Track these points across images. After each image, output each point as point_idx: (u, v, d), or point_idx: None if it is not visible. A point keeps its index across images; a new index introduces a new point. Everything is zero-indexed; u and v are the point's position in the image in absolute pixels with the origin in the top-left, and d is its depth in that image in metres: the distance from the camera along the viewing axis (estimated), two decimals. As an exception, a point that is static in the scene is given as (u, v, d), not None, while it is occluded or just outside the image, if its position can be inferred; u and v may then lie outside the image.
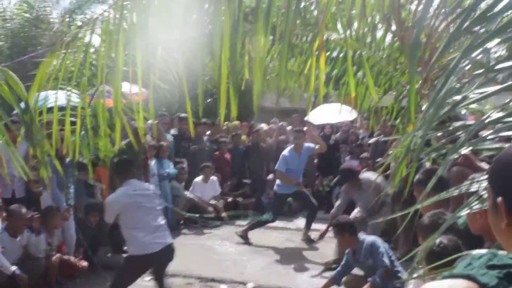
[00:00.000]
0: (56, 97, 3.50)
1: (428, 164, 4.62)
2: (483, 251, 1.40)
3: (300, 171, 9.15)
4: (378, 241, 5.84)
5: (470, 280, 1.10)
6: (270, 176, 11.39)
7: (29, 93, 3.40)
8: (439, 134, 2.38)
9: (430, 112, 1.57)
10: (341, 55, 5.14)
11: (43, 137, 3.55)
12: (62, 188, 6.79)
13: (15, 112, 6.91)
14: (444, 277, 1.16)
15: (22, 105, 3.51)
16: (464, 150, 1.66)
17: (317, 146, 9.11)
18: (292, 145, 9.15)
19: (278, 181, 9.09)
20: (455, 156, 1.67)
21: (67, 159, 6.52)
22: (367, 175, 8.23)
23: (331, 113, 10.71)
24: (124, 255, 5.78)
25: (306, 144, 9.09)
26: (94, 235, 7.35)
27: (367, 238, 5.95)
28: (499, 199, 1.24)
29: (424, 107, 1.88)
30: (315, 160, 11.86)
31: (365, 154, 10.39)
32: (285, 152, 9.02)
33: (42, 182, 6.81)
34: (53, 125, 3.54)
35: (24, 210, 6.10)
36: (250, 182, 11.10)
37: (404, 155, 1.97)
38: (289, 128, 12.51)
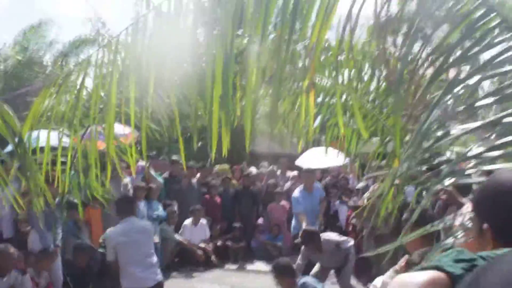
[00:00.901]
0: (48, 137, 3.53)
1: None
2: None
3: (315, 212, 9.03)
4: (309, 281, 5.62)
5: (438, 270, 1.19)
6: (260, 220, 11.34)
7: (21, 130, 3.42)
8: (424, 168, 2.43)
9: (414, 145, 1.63)
10: (326, 99, 5.21)
11: (36, 171, 3.57)
12: (50, 228, 6.75)
13: (6, 150, 6.94)
14: (415, 270, 1.24)
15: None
16: (448, 182, 1.71)
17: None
18: (301, 186, 9.19)
19: (294, 223, 9.02)
20: (438, 187, 1.72)
21: (56, 200, 6.51)
22: (328, 234, 8.08)
23: (320, 158, 10.75)
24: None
25: (316, 184, 9.11)
26: (83, 276, 7.25)
27: (301, 279, 5.64)
28: (485, 225, 1.32)
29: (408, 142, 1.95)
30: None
31: (355, 199, 10.36)
32: (295, 193, 9.03)
33: (30, 221, 6.78)
34: (43, 164, 3.55)
35: (12, 250, 6.02)
36: (240, 226, 11.03)
37: (389, 188, 2.02)
38: (278, 172, 12.53)
